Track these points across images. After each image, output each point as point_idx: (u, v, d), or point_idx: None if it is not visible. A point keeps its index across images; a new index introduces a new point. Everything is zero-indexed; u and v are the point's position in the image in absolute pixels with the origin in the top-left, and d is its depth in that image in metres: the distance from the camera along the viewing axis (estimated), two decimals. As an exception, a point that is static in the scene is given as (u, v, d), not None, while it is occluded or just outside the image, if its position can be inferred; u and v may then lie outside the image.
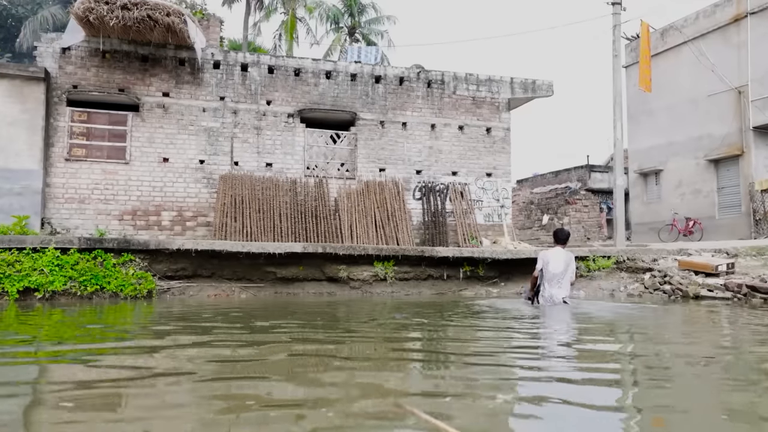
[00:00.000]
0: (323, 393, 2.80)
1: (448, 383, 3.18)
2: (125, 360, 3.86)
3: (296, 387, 3.00)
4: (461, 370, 3.54)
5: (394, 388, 2.96)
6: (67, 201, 11.53)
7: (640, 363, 3.80)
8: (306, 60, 13.35)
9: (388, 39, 30.24)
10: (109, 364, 3.73)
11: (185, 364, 3.53)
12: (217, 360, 3.76)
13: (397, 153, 13.58)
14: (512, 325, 5.96)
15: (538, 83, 14.55)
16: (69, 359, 3.92)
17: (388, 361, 3.90)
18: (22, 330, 5.50)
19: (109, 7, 10.72)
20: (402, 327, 5.72)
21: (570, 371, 3.50)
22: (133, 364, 3.68)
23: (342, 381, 3.10)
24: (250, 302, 8.55)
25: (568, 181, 25.98)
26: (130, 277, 8.57)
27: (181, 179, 12.22)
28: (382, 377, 3.26)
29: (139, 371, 3.37)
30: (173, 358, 3.80)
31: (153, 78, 12.19)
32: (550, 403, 2.62)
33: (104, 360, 3.89)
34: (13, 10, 21.55)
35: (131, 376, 3.26)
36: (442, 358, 4.05)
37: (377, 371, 3.45)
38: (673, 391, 2.99)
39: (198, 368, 3.41)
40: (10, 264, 8.00)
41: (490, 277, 10.79)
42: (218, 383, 3.07)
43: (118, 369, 3.51)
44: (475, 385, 3.08)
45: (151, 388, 2.97)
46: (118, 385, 3.04)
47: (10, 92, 10.93)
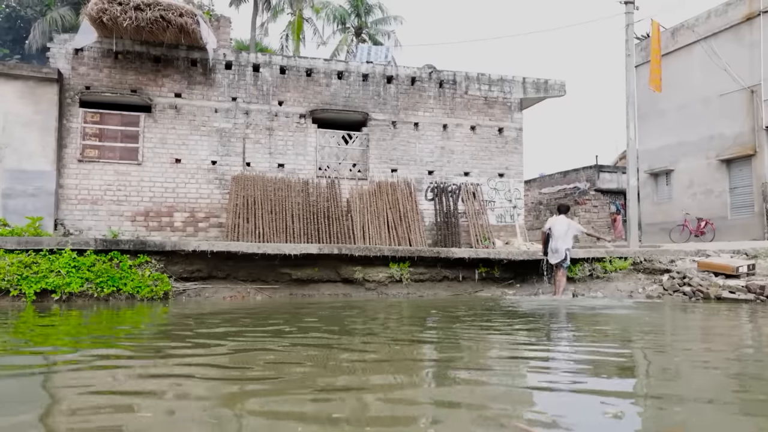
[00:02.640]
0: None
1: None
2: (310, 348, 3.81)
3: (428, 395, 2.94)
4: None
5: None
6: (80, 202, 11.50)
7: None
8: (318, 60, 13.30)
9: (395, 39, 30.20)
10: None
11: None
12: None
13: (409, 153, 13.51)
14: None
15: (550, 83, 14.48)
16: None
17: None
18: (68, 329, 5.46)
19: (122, 8, 10.69)
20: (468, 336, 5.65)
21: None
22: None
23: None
24: (277, 304, 8.47)
25: (577, 182, 25.88)
26: (146, 278, 8.53)
27: (193, 180, 12.18)
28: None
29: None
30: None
31: (165, 79, 12.16)
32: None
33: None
34: (21, 11, 21.57)
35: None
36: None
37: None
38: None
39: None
40: (28, 266, 7.97)
41: (505, 279, 10.72)
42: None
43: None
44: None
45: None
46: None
47: (24, 93, 10.91)
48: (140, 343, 4.88)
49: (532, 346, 4.68)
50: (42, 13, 20.32)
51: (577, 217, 23.34)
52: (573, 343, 4.96)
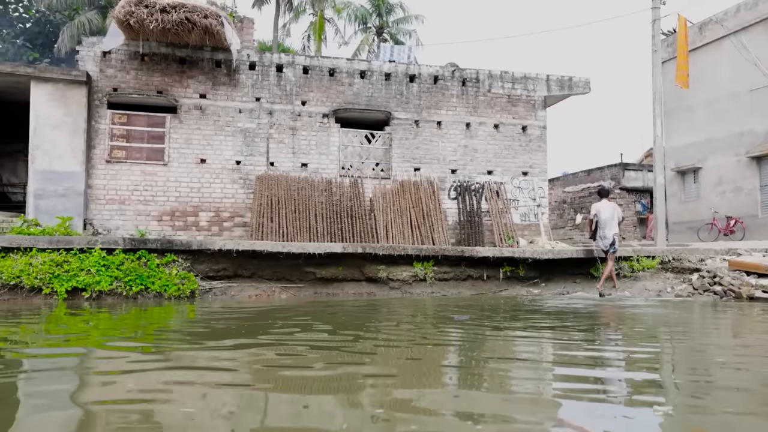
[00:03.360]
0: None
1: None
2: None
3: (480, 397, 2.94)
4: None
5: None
6: (108, 202, 11.69)
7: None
8: (340, 60, 13.34)
9: (416, 38, 30.13)
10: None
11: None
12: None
13: (432, 152, 13.47)
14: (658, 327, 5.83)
15: (574, 80, 14.32)
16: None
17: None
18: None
19: (148, 10, 10.84)
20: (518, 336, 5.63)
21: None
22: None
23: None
24: (306, 303, 8.52)
25: (601, 180, 25.54)
26: (173, 277, 8.64)
27: (218, 180, 12.30)
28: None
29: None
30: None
31: (190, 80, 12.30)
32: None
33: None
34: (51, 16, 22.02)
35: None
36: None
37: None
38: None
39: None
40: (59, 264, 8.13)
41: (530, 278, 10.63)
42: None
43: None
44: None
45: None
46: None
47: (54, 96, 11.13)
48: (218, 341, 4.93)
49: (583, 349, 4.63)
50: (70, 17, 20.71)
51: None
52: (630, 347, 4.87)
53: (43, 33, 22.48)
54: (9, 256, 8.13)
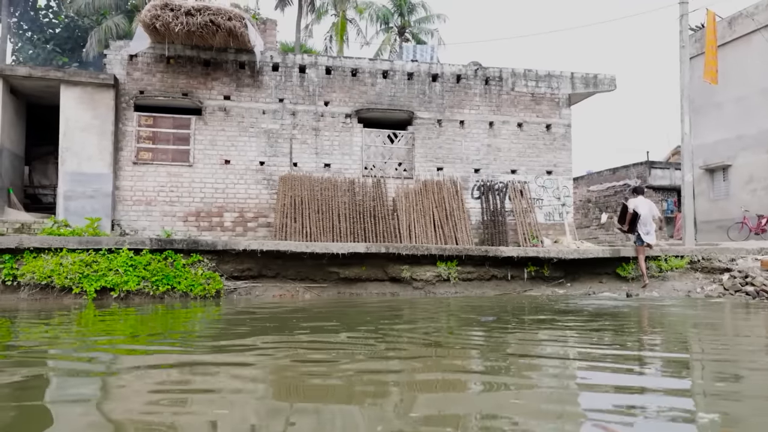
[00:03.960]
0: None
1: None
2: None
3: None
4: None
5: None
6: (135, 203, 11.88)
7: None
8: (363, 60, 13.35)
9: (439, 37, 30.02)
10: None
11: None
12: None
13: (455, 152, 13.41)
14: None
15: (599, 78, 14.12)
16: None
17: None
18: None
19: (174, 13, 10.98)
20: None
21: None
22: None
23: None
24: (332, 302, 8.55)
25: (627, 178, 25.16)
26: (199, 277, 8.74)
27: (242, 181, 12.41)
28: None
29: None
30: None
31: (214, 82, 12.43)
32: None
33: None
34: (79, 21, 22.46)
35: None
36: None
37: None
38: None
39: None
40: (88, 264, 8.28)
41: (555, 278, 10.51)
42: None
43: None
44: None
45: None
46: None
47: (83, 99, 11.34)
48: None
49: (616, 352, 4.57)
50: (98, 22, 21.11)
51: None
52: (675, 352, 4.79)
53: (72, 38, 22.94)
54: (40, 256, 8.31)
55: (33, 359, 4.09)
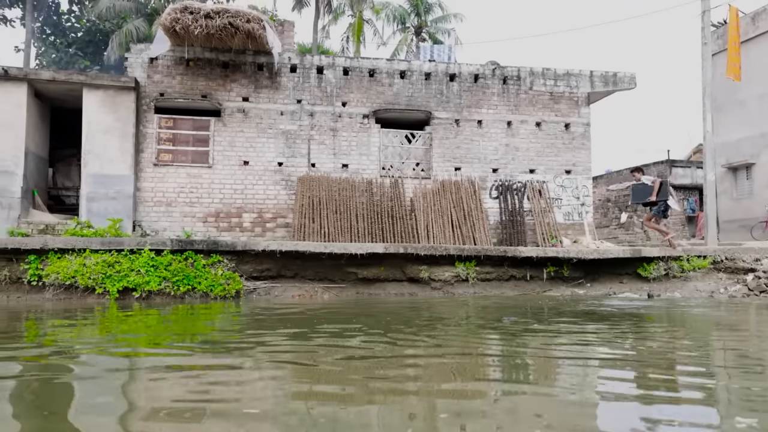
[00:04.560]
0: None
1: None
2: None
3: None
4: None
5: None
6: (155, 204, 12.02)
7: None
8: (380, 60, 13.36)
9: (456, 37, 29.92)
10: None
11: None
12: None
13: (473, 151, 13.36)
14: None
15: (619, 76, 13.97)
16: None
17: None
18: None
19: (193, 16, 11.10)
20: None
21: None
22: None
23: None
24: (351, 303, 8.57)
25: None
26: (218, 277, 8.81)
27: (260, 182, 12.50)
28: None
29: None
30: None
31: (233, 83, 12.53)
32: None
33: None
34: (101, 25, 22.80)
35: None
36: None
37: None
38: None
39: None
40: (111, 265, 8.40)
41: (575, 278, 10.43)
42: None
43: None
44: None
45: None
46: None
47: (105, 102, 11.51)
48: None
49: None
50: (119, 25, 21.40)
51: (647, 214, 22.43)
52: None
53: (93, 41, 23.29)
54: (65, 256, 8.45)
55: (64, 359, 4.16)
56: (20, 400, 3.04)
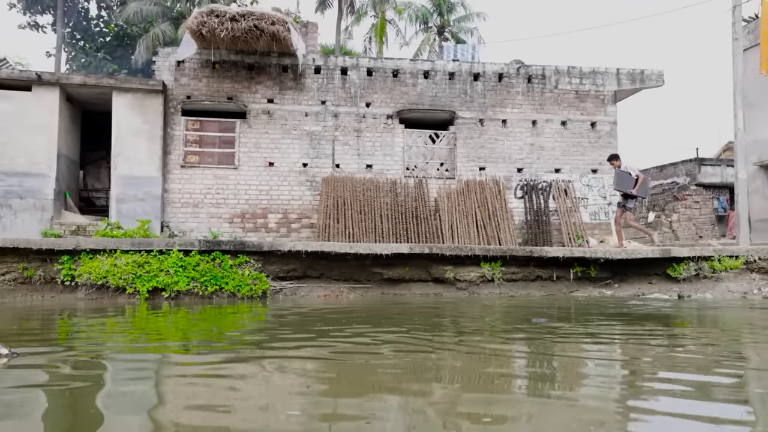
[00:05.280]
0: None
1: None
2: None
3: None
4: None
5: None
6: (183, 205, 12.20)
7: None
8: (404, 61, 13.37)
9: (479, 36, 29.77)
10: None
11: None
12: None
13: (497, 151, 13.29)
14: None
15: (646, 73, 13.76)
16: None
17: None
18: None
19: (219, 19, 11.24)
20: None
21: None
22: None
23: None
24: (379, 303, 8.60)
25: (675, 176, 24.45)
26: (245, 277, 8.90)
27: (285, 182, 12.60)
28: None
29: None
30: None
31: (258, 85, 12.66)
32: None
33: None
34: (128, 29, 23.23)
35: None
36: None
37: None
38: None
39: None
40: (140, 265, 8.54)
41: (602, 278, 10.29)
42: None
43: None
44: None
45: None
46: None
47: (133, 105, 11.72)
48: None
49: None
50: (146, 29, 21.77)
51: (676, 214, 22.07)
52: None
53: (121, 45, 23.73)
54: (96, 257, 8.61)
55: (98, 357, 4.25)
56: (60, 397, 3.11)
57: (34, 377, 3.53)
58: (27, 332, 5.45)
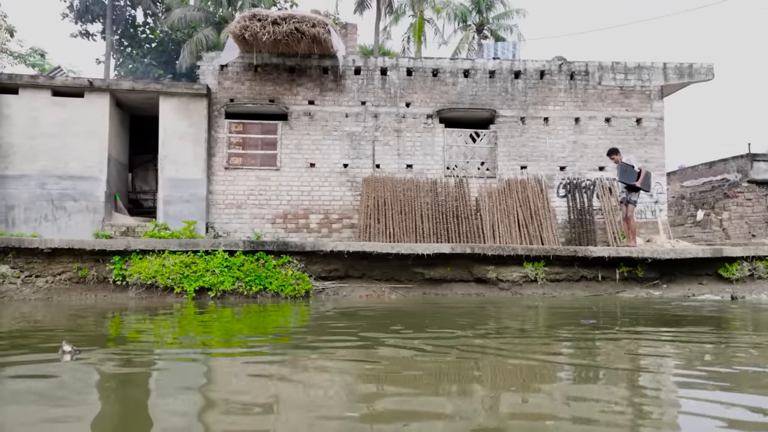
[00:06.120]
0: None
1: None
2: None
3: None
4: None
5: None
6: (226, 206, 12.46)
7: None
8: (443, 60, 13.32)
9: (518, 33, 29.41)
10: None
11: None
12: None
13: (539, 149, 13.10)
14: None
15: (695, 67, 13.33)
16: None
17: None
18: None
19: (261, 23, 11.44)
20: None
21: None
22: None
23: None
24: (424, 303, 8.62)
25: (725, 173, 23.56)
26: (289, 277, 9.02)
27: (326, 183, 12.72)
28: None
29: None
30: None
31: (299, 87, 12.81)
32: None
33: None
34: (173, 35, 23.87)
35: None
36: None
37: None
38: None
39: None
40: (187, 265, 8.76)
41: (649, 279, 10.03)
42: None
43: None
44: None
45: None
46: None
47: (179, 109, 12.03)
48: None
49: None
50: (189, 35, 22.32)
51: (727, 212, 21.32)
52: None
53: (166, 51, 24.41)
54: (145, 257, 8.88)
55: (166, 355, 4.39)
56: (120, 388, 3.23)
57: (94, 372, 3.67)
58: (86, 330, 5.66)
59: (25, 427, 2.54)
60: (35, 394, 3.09)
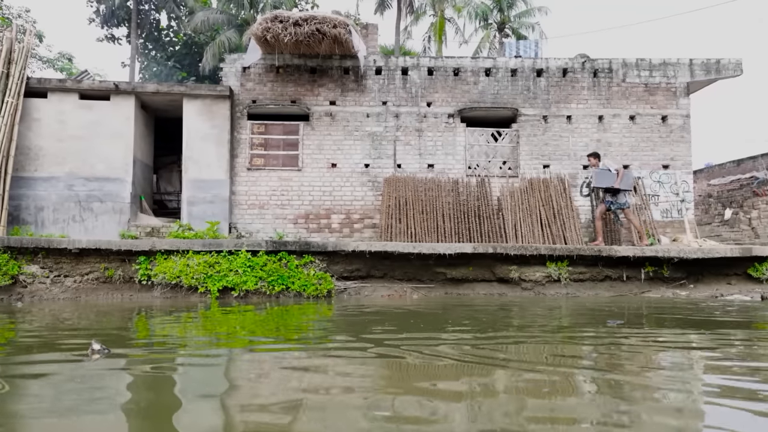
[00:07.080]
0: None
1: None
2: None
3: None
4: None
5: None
6: (249, 207, 12.56)
7: None
8: (465, 59, 13.25)
9: (540, 31, 29.16)
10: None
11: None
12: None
13: (562, 148, 12.96)
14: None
15: (723, 63, 13.06)
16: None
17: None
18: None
19: (283, 25, 11.51)
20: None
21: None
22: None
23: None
24: (446, 302, 8.60)
25: (754, 170, 23.06)
26: (311, 277, 9.07)
27: (348, 183, 12.75)
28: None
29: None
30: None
31: (321, 88, 12.86)
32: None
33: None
34: (196, 38, 24.18)
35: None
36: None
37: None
38: None
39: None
40: (211, 265, 8.87)
41: (676, 278, 9.87)
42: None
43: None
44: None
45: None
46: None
47: (202, 110, 12.17)
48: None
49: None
50: (212, 37, 22.57)
51: (756, 210, 20.86)
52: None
53: (190, 54, 24.72)
54: (170, 257, 9.01)
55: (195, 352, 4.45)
56: (149, 385, 3.28)
57: (124, 371, 3.73)
58: (114, 329, 5.76)
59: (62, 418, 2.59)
60: (65, 392, 3.16)
